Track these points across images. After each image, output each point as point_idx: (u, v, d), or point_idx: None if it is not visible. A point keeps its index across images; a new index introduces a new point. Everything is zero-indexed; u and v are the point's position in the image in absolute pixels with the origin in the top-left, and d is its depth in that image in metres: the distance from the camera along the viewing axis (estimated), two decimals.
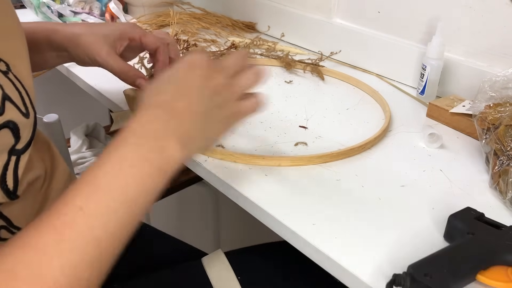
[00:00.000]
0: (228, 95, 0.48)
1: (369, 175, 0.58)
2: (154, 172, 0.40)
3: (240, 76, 0.49)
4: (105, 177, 0.38)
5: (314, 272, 0.61)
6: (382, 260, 0.44)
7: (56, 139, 0.82)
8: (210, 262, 0.65)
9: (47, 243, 0.34)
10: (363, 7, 0.92)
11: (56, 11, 1.04)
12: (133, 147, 0.40)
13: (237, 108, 0.49)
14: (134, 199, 0.39)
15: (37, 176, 0.51)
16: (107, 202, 0.37)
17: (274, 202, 0.51)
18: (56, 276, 0.33)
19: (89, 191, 0.37)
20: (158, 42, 0.64)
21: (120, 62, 0.62)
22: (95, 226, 0.36)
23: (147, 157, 0.40)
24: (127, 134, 0.41)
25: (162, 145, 0.41)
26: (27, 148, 0.44)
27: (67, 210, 0.36)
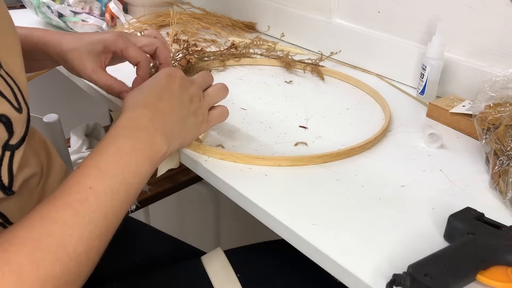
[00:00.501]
0: (201, 104, 0.56)
1: (369, 175, 0.58)
2: (145, 161, 0.47)
3: (210, 90, 0.59)
4: (107, 163, 0.44)
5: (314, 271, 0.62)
6: (382, 260, 0.44)
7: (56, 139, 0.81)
8: (209, 261, 0.65)
9: (65, 217, 0.39)
10: (363, 7, 0.92)
11: (56, 11, 1.04)
12: (127, 139, 0.46)
13: (207, 117, 0.57)
14: (130, 182, 0.45)
15: (33, 173, 0.52)
16: (111, 183, 0.43)
17: (274, 202, 0.51)
18: (75, 245, 0.38)
19: (95, 174, 0.43)
20: (139, 57, 0.64)
21: (104, 78, 0.63)
22: (103, 203, 0.42)
23: (140, 147, 0.46)
24: (121, 129, 0.48)
25: (151, 139, 0.48)
26: (21, 143, 0.44)
27: (79, 189, 0.41)
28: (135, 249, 0.74)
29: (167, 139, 0.50)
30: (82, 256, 0.39)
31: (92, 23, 1.06)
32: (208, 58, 0.90)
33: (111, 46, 0.64)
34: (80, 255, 0.39)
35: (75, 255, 0.38)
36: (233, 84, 0.84)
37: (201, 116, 0.56)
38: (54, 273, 0.36)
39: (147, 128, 0.48)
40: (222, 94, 0.60)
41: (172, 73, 0.55)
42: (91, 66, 0.62)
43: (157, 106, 0.51)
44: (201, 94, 0.57)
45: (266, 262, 0.66)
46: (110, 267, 0.69)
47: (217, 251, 0.66)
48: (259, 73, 0.90)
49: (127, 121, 0.48)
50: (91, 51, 0.63)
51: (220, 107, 0.60)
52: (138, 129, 0.48)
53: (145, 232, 0.78)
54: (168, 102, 0.52)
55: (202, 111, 0.56)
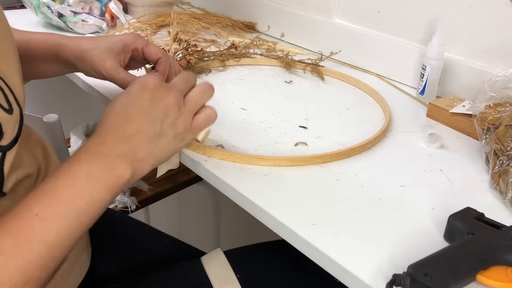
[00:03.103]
0: (181, 113, 0.50)
1: (369, 175, 0.58)
2: (102, 188, 0.44)
3: (192, 94, 0.52)
4: (61, 188, 0.42)
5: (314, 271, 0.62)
6: (382, 260, 0.44)
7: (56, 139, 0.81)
8: (209, 261, 0.65)
9: (5, 245, 0.38)
10: (363, 7, 0.92)
11: (56, 11, 1.04)
12: (85, 166, 0.44)
13: (193, 124, 0.52)
14: (83, 209, 0.43)
15: (28, 173, 0.52)
16: (60, 210, 0.41)
17: (274, 202, 0.51)
18: (12, 275, 0.37)
19: (46, 200, 0.41)
20: (159, 53, 0.66)
21: (124, 75, 0.64)
22: (49, 231, 0.40)
23: (97, 174, 0.44)
24: (83, 153, 0.46)
25: (110, 166, 0.45)
26: (13, 144, 0.44)
27: (25, 215, 0.40)
28: (135, 249, 0.74)
29: (132, 164, 0.46)
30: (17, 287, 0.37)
31: (92, 23, 1.06)
32: (208, 58, 0.90)
33: (132, 44, 0.65)
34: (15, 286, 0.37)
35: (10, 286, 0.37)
36: (233, 84, 0.84)
37: (182, 126, 0.50)
38: None
39: (108, 155, 0.46)
40: (206, 96, 0.53)
41: (144, 83, 0.50)
42: (111, 64, 0.63)
43: (123, 128, 0.47)
44: (181, 101, 0.51)
45: (266, 262, 0.66)
46: (110, 267, 0.69)
47: (217, 252, 0.66)
48: (259, 73, 0.90)
49: (91, 145, 0.46)
50: (111, 49, 0.64)
51: (205, 110, 0.53)
52: (98, 155, 0.45)
53: (145, 232, 0.78)
54: (136, 123, 0.48)
55: (183, 120, 0.50)
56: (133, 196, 1.05)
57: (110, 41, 0.65)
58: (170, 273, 0.65)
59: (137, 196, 1.06)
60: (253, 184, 0.54)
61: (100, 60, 0.63)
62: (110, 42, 0.64)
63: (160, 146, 0.49)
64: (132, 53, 0.67)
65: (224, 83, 0.84)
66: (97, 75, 0.65)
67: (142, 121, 0.48)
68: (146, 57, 0.67)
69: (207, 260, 0.65)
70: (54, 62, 0.67)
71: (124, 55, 0.65)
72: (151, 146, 0.48)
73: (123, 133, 0.47)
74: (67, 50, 0.65)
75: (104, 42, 0.64)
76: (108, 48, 0.64)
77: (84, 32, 1.06)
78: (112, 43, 0.64)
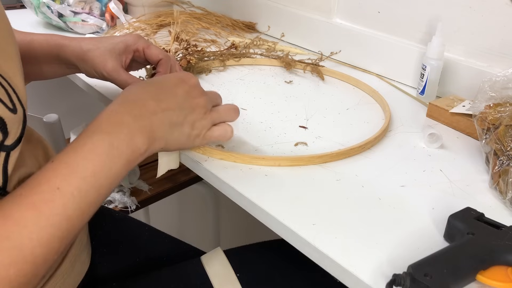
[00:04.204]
0: (204, 117, 0.54)
1: (369, 175, 0.58)
2: (120, 160, 0.45)
3: (221, 107, 0.56)
4: (80, 161, 0.43)
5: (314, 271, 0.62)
6: (382, 260, 0.44)
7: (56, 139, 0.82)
8: (209, 260, 0.65)
9: (27, 218, 0.38)
10: (363, 7, 0.92)
11: (56, 11, 1.04)
12: (105, 135, 0.45)
13: (208, 133, 0.55)
14: (102, 183, 0.43)
15: (29, 173, 0.52)
16: (80, 184, 0.42)
17: (274, 202, 0.51)
18: (33, 247, 0.38)
19: (66, 173, 0.41)
20: (160, 54, 0.66)
21: (125, 76, 0.64)
22: (69, 205, 0.40)
23: (116, 146, 0.45)
24: (102, 122, 0.46)
25: (130, 137, 0.46)
26: (17, 144, 0.44)
27: (46, 188, 0.40)
28: (135, 249, 0.74)
29: (149, 139, 0.48)
30: (39, 259, 0.38)
31: (92, 23, 1.06)
32: (208, 58, 0.90)
33: (133, 45, 0.66)
34: (38, 258, 0.38)
35: (32, 258, 0.38)
36: (233, 84, 0.84)
37: (198, 129, 0.53)
38: (7, 275, 0.36)
39: (129, 125, 0.46)
40: (232, 115, 0.57)
41: (185, 78, 0.53)
42: (112, 64, 0.63)
43: (147, 103, 0.49)
44: (208, 108, 0.54)
45: (266, 262, 0.66)
46: (110, 267, 0.69)
47: (217, 251, 0.66)
48: (259, 73, 0.90)
49: (110, 114, 0.47)
50: (112, 50, 0.64)
51: (223, 126, 0.56)
52: (119, 124, 0.46)
53: (145, 232, 0.78)
54: (163, 103, 0.50)
55: (203, 125, 0.54)
56: (133, 196, 1.05)
57: (111, 42, 0.65)
58: (170, 273, 0.65)
59: (137, 196, 1.06)
60: (253, 184, 0.54)
61: (101, 61, 0.63)
62: (112, 43, 0.65)
63: (175, 135, 0.51)
64: (133, 54, 0.67)
65: (224, 83, 0.84)
66: (98, 76, 0.65)
67: (171, 104, 0.50)
68: (147, 58, 0.67)
69: (207, 259, 0.65)
70: (55, 63, 0.67)
71: (125, 56, 0.66)
72: (168, 131, 0.50)
73: (147, 107, 0.48)
74: (69, 50, 0.65)
75: (105, 43, 0.64)
76: (110, 49, 0.64)
77: (84, 32, 1.06)
78: (114, 44, 0.64)
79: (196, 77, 0.55)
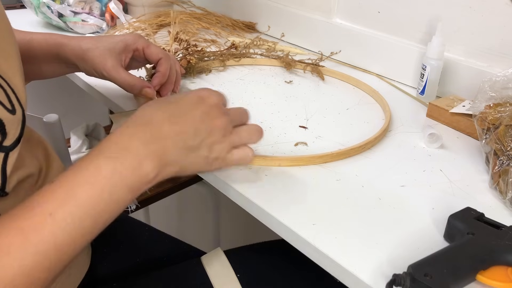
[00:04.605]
0: (223, 140, 0.49)
1: (369, 175, 0.58)
2: (124, 187, 0.42)
3: (244, 128, 0.52)
4: (79, 186, 0.39)
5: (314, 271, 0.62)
6: (382, 260, 0.44)
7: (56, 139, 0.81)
8: (209, 261, 0.65)
9: (12, 244, 0.35)
10: (363, 7, 0.92)
11: (56, 11, 1.04)
12: (110, 159, 0.41)
13: (227, 156, 0.50)
14: (101, 211, 0.40)
15: (29, 174, 0.52)
16: (75, 211, 0.38)
17: (274, 202, 0.51)
18: (14, 276, 0.35)
19: (62, 198, 0.38)
20: (160, 53, 0.66)
21: (125, 75, 0.64)
22: (60, 233, 0.37)
23: (121, 172, 0.41)
24: (110, 144, 0.43)
25: (137, 163, 0.42)
26: (16, 145, 0.44)
27: (38, 212, 0.37)
28: (135, 249, 0.74)
29: (159, 165, 0.44)
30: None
31: (92, 23, 1.06)
32: (208, 58, 0.90)
33: (132, 44, 0.66)
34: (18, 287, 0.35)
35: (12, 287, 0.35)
36: (233, 84, 0.84)
37: (217, 152, 0.49)
38: None
39: (137, 150, 0.43)
40: (255, 137, 0.53)
41: (205, 96, 0.49)
42: (111, 63, 0.63)
43: (161, 126, 0.45)
44: (228, 129, 0.50)
45: (266, 262, 0.66)
46: (110, 267, 0.69)
47: (217, 251, 0.66)
48: (259, 73, 0.90)
49: (119, 136, 0.44)
50: (112, 49, 0.64)
51: (245, 149, 0.52)
52: (126, 149, 0.43)
53: (145, 232, 0.78)
54: (179, 126, 0.46)
55: (221, 148, 0.49)
56: None
57: (111, 41, 0.65)
58: (170, 273, 0.65)
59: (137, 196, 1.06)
60: (253, 184, 0.54)
61: (101, 60, 0.63)
62: (111, 42, 0.64)
63: (189, 159, 0.47)
64: (133, 53, 0.67)
65: (224, 83, 0.84)
66: (97, 75, 0.65)
67: (186, 127, 0.46)
68: (147, 57, 0.67)
69: (207, 259, 0.65)
70: (55, 62, 0.67)
71: (125, 55, 0.66)
72: (182, 155, 0.46)
73: (160, 130, 0.45)
74: (68, 49, 0.65)
75: (105, 42, 0.64)
76: (109, 48, 0.64)
77: (84, 32, 1.06)
78: (113, 43, 0.64)
79: (218, 94, 0.50)
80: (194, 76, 0.86)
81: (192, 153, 0.47)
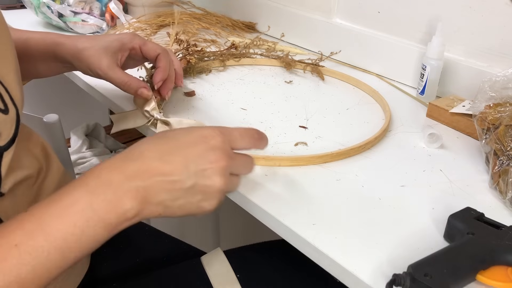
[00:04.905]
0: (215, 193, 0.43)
1: (369, 175, 0.58)
2: (98, 224, 0.39)
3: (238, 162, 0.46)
4: (50, 218, 0.37)
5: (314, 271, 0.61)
6: (382, 260, 0.44)
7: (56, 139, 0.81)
8: (209, 261, 0.65)
9: None
10: (363, 7, 0.92)
11: (56, 11, 1.04)
12: (85, 193, 0.39)
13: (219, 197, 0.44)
14: (70, 246, 0.38)
15: (27, 175, 0.51)
16: (43, 245, 0.36)
17: (274, 202, 0.51)
18: None
19: (30, 229, 0.37)
20: (158, 49, 0.65)
21: (121, 74, 0.64)
22: (24, 266, 0.35)
23: (96, 208, 0.39)
24: (91, 178, 0.40)
25: (116, 200, 0.39)
26: (10, 145, 0.43)
27: (3, 243, 0.36)
28: (135, 249, 0.74)
29: (141, 203, 0.40)
30: None
31: (92, 23, 1.06)
32: (208, 58, 0.90)
33: (129, 43, 0.65)
34: None
35: None
36: (233, 84, 0.84)
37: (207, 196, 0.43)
38: None
39: (118, 184, 0.40)
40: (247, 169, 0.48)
41: (208, 136, 0.43)
42: (107, 63, 0.63)
43: (150, 163, 0.41)
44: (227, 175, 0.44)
45: (266, 262, 0.66)
46: (110, 267, 0.69)
47: (217, 251, 0.66)
48: (259, 73, 0.90)
49: (102, 169, 0.41)
50: (107, 48, 0.63)
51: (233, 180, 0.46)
52: (106, 183, 0.40)
53: (145, 232, 0.78)
54: (168, 165, 0.41)
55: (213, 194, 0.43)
56: None
57: (106, 40, 0.64)
58: (170, 273, 0.65)
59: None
60: (253, 184, 0.54)
61: (96, 60, 0.63)
62: (107, 41, 0.64)
63: (179, 202, 0.42)
64: (129, 52, 0.66)
65: (224, 83, 0.84)
66: (93, 74, 0.65)
67: (178, 169, 0.42)
68: (145, 54, 0.67)
69: (207, 260, 0.65)
70: (52, 61, 0.67)
71: (121, 54, 0.65)
72: (169, 197, 0.42)
73: (147, 168, 0.41)
74: (64, 49, 0.64)
75: (100, 41, 0.64)
76: (105, 47, 0.63)
77: (84, 32, 1.06)
78: (109, 42, 0.64)
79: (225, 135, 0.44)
80: (194, 76, 0.86)
81: (183, 196, 0.42)
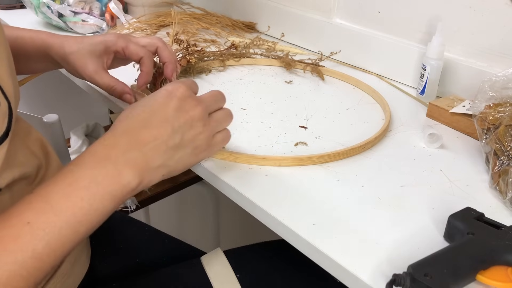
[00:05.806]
0: (204, 129, 0.49)
1: (369, 175, 0.58)
2: (104, 197, 0.41)
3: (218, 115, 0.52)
4: (57, 195, 0.39)
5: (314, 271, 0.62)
6: (382, 260, 0.44)
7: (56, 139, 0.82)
8: (209, 261, 0.65)
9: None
10: (363, 7, 0.92)
11: (56, 11, 1.04)
12: (89, 170, 0.42)
13: (212, 143, 0.51)
14: (80, 220, 0.40)
15: (25, 172, 0.51)
16: (54, 221, 0.38)
17: (274, 202, 0.51)
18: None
19: (39, 207, 0.39)
20: (141, 52, 0.64)
21: (107, 79, 0.64)
22: (38, 242, 0.37)
23: (100, 181, 0.41)
24: (88, 156, 0.43)
25: (116, 172, 0.42)
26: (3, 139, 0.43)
27: (15, 222, 0.37)
28: (135, 249, 0.74)
29: (140, 173, 0.44)
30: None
31: (92, 23, 1.06)
32: (208, 58, 0.90)
33: (112, 46, 0.65)
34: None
35: None
36: (233, 84, 0.84)
37: (202, 142, 0.49)
38: None
39: (116, 159, 0.43)
40: (228, 121, 0.53)
41: (172, 90, 0.48)
42: (92, 67, 0.63)
43: (138, 134, 0.45)
44: (206, 118, 0.49)
45: (266, 262, 0.66)
46: (110, 267, 0.69)
47: (217, 252, 0.66)
48: (259, 73, 0.90)
49: (98, 147, 0.44)
50: (92, 52, 0.63)
51: (224, 131, 0.53)
52: (104, 159, 0.43)
53: (145, 232, 0.78)
54: (156, 129, 0.46)
55: (205, 137, 0.50)
56: (133, 196, 1.05)
57: (91, 43, 0.64)
58: (170, 273, 0.65)
59: (137, 196, 1.06)
60: (253, 184, 0.54)
61: (81, 64, 0.63)
62: (92, 44, 0.64)
63: (175, 158, 0.47)
64: (114, 55, 0.66)
65: (224, 83, 0.84)
66: (81, 78, 0.65)
67: (163, 129, 0.46)
68: (128, 58, 0.66)
69: (207, 260, 0.65)
70: (43, 61, 0.67)
71: (106, 57, 0.65)
72: (166, 157, 0.46)
73: (137, 138, 0.45)
74: (53, 51, 0.65)
75: (86, 44, 0.64)
76: (90, 51, 0.63)
77: (84, 32, 1.06)
78: (94, 46, 0.64)
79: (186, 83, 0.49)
80: (194, 76, 0.86)
81: (177, 151, 0.47)
